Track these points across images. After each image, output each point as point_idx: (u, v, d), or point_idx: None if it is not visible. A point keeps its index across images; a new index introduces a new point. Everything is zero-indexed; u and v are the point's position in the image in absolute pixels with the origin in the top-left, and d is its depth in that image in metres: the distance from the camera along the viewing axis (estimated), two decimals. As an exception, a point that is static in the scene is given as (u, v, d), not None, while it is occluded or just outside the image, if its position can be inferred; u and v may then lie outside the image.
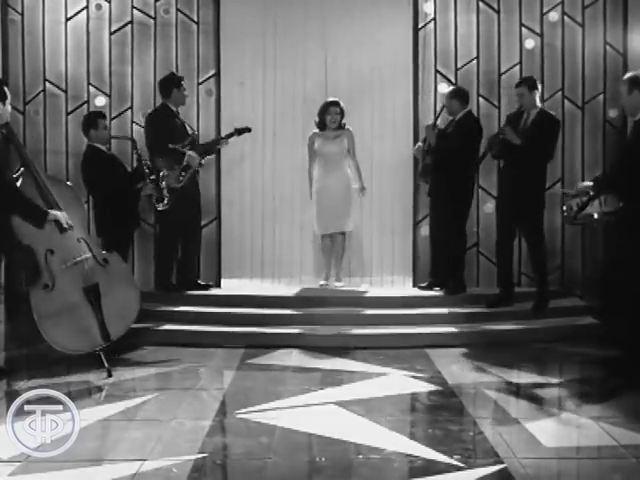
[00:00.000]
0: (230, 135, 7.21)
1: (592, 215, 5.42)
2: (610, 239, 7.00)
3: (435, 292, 7.21)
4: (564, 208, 5.69)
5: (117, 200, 6.44)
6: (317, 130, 7.41)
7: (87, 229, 5.92)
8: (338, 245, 7.48)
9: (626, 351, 5.14)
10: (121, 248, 6.20)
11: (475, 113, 7.64)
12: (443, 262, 7.24)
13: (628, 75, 5.32)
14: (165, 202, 6.62)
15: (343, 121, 7.37)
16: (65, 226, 5.21)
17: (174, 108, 7.12)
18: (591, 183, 5.44)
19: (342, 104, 7.35)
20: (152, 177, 6.56)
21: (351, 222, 7.50)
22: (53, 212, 5.18)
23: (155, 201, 6.64)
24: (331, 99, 7.38)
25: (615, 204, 5.30)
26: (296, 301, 6.97)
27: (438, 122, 7.21)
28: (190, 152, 6.91)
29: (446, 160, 6.97)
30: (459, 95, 7.13)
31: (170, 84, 7.09)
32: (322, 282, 7.46)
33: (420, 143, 7.28)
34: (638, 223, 5.07)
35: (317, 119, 7.38)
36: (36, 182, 5.31)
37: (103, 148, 6.66)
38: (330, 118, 7.32)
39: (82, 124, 6.75)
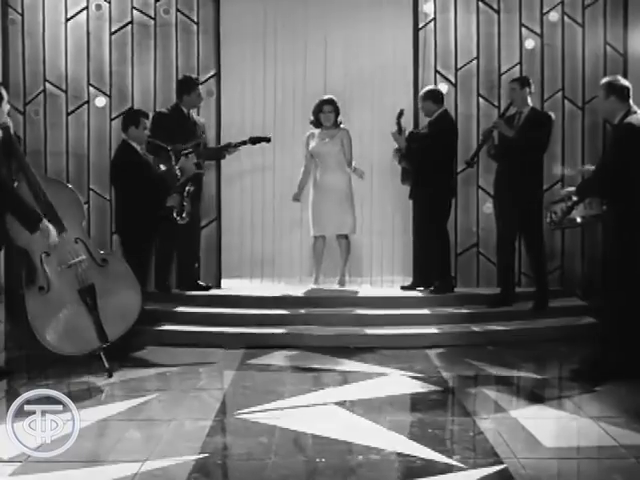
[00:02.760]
0: (242, 143, 7.14)
1: (575, 219, 5.43)
2: (608, 239, 7.01)
3: (419, 292, 7.21)
4: (548, 214, 5.70)
5: (141, 202, 6.20)
6: (313, 130, 7.39)
7: (87, 230, 5.88)
8: (343, 249, 7.38)
9: (625, 350, 5.14)
10: (141, 249, 6.17)
11: (475, 113, 7.66)
12: (426, 262, 7.25)
13: (604, 80, 5.32)
14: (184, 216, 6.52)
15: (339, 119, 7.34)
16: (51, 242, 5.12)
17: (185, 110, 7.14)
18: (573, 188, 5.46)
19: (337, 102, 7.32)
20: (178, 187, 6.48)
21: (354, 224, 7.40)
22: (46, 224, 5.09)
23: (176, 214, 6.51)
24: (325, 97, 7.35)
25: (598, 207, 5.32)
26: (295, 301, 6.97)
27: (404, 126, 7.16)
28: (185, 160, 6.60)
29: (422, 161, 6.99)
30: (432, 96, 7.13)
31: (182, 89, 7.15)
32: (313, 286, 7.39)
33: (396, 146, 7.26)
34: (621, 224, 5.08)
35: (312, 117, 7.36)
36: (32, 188, 5.27)
37: (138, 148, 6.38)
38: (324, 116, 7.28)
39: (124, 119, 6.46)
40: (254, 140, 7.15)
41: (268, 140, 7.21)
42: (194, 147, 6.92)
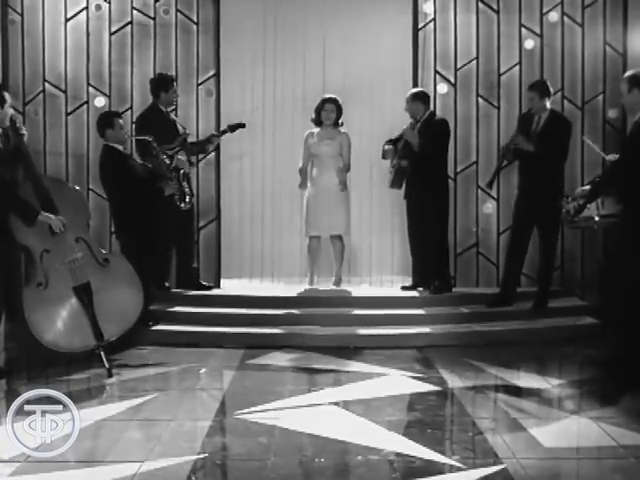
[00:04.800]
0: (223, 132, 7.22)
1: (592, 218, 5.44)
2: (609, 239, 7.01)
3: (419, 292, 7.21)
4: (563, 211, 5.71)
5: (136, 201, 6.21)
6: (313, 129, 7.35)
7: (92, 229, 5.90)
8: (337, 249, 7.34)
9: (625, 351, 5.14)
10: (141, 250, 6.14)
11: (474, 113, 7.67)
12: (425, 262, 7.24)
13: (628, 73, 5.32)
14: (188, 201, 6.51)
15: (340, 120, 7.30)
16: (57, 231, 5.27)
17: (164, 108, 7.12)
18: (588, 187, 5.45)
19: (339, 101, 7.28)
20: (173, 175, 6.47)
21: (347, 225, 7.36)
22: (45, 215, 5.24)
23: (178, 201, 6.51)
24: (327, 95, 7.31)
25: (612, 207, 5.31)
26: (295, 301, 6.97)
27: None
28: (179, 156, 6.77)
29: (421, 162, 6.97)
30: (421, 97, 7.12)
31: (158, 87, 7.10)
32: (307, 287, 7.34)
33: (388, 146, 7.19)
34: (628, 220, 5.06)
35: (314, 115, 7.33)
36: (36, 187, 5.33)
37: (120, 148, 6.36)
38: (325, 115, 7.24)
39: (98, 124, 6.42)
40: (232, 127, 7.17)
41: (244, 125, 7.23)
42: (181, 144, 6.93)
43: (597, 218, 5.46)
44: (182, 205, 6.54)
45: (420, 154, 6.99)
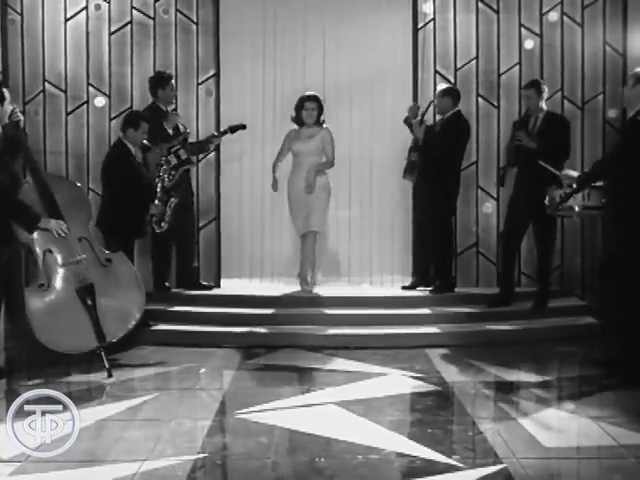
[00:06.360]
0: (223, 133, 7.21)
1: (573, 208, 5.44)
2: (609, 238, 7.01)
3: (420, 292, 7.20)
4: (547, 198, 5.70)
5: (127, 202, 6.16)
6: (294, 127, 7.21)
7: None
8: (309, 245, 7.05)
9: (625, 350, 5.15)
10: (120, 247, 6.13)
11: (474, 113, 7.66)
12: (426, 260, 7.24)
13: (637, 70, 5.33)
14: (163, 227, 6.48)
15: (322, 117, 7.13)
16: (60, 234, 5.25)
17: (164, 107, 7.12)
18: (576, 174, 5.44)
19: (320, 99, 7.14)
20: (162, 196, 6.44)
21: (320, 222, 7.10)
22: (46, 221, 5.21)
23: (154, 222, 6.48)
24: (308, 93, 7.14)
25: (597, 199, 5.32)
26: (295, 301, 6.97)
27: (425, 118, 7.15)
28: (180, 150, 6.82)
29: (435, 159, 6.94)
30: (451, 94, 7.10)
31: (156, 85, 7.11)
32: (306, 287, 7.10)
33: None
34: (623, 217, 5.06)
35: (293, 114, 7.18)
36: (38, 186, 5.33)
37: (132, 150, 6.32)
38: (306, 114, 7.07)
39: (124, 120, 6.42)
40: (232, 129, 7.16)
41: (244, 127, 7.21)
42: (182, 142, 6.94)
43: (577, 209, 5.45)
44: (156, 227, 6.48)
45: (424, 149, 6.98)
